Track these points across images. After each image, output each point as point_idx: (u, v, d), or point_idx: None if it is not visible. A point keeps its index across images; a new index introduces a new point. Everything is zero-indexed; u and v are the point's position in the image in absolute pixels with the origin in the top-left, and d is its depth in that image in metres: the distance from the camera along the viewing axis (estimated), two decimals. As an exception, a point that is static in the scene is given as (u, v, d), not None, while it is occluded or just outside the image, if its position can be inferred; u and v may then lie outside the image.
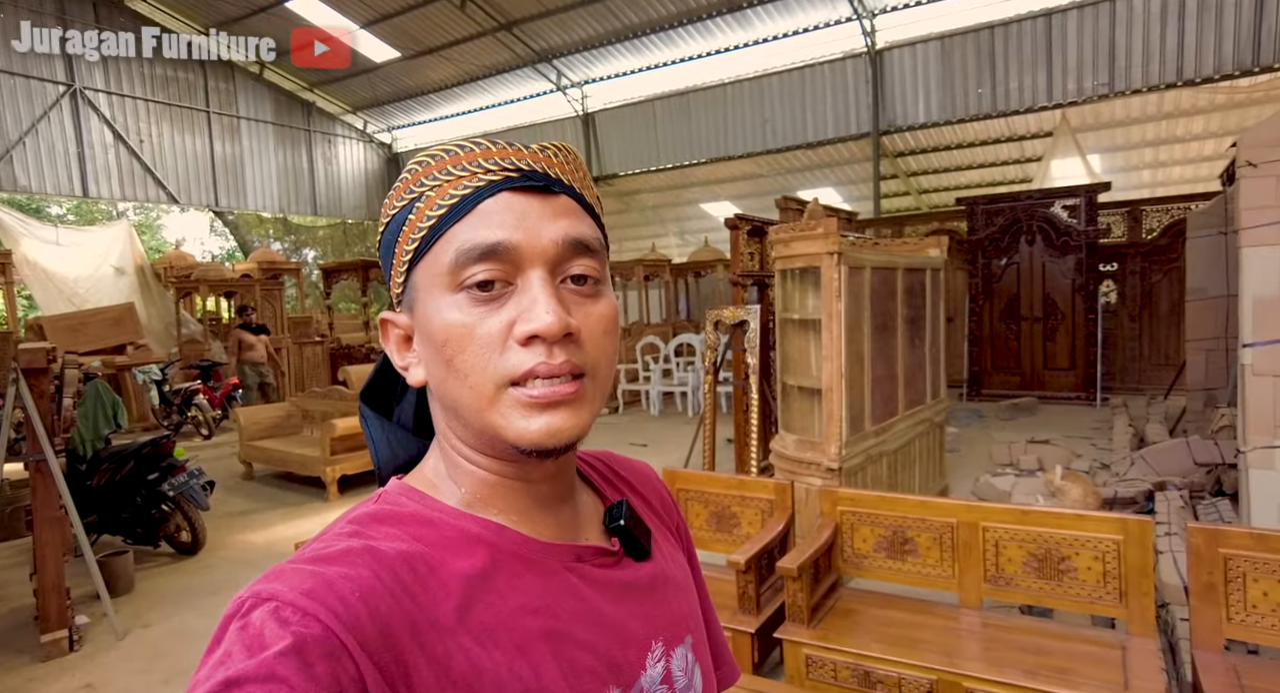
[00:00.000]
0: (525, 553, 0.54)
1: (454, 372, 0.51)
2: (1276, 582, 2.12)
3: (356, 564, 0.46)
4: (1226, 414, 4.85)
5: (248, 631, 0.42)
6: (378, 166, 18.99)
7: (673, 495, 0.76)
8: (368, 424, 0.64)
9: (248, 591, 0.44)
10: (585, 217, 0.55)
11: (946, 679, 2.16)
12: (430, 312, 0.52)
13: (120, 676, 3.12)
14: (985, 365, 9.18)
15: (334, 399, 6.48)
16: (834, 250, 3.45)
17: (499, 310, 0.51)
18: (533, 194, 0.53)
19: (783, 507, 2.91)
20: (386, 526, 0.52)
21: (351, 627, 0.43)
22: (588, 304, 0.53)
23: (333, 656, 0.42)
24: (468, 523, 0.53)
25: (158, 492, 4.32)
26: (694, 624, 0.64)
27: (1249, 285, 3.09)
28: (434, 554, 0.50)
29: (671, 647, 0.60)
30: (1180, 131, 12.32)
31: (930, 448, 4.61)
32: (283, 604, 0.43)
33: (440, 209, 0.52)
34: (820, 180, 14.99)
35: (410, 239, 0.53)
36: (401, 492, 0.56)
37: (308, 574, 0.45)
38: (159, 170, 14.42)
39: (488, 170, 0.52)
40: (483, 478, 0.55)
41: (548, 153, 0.54)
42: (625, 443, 7.45)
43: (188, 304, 12.17)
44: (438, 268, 0.51)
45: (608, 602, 0.56)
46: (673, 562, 0.66)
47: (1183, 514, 3.77)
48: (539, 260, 0.51)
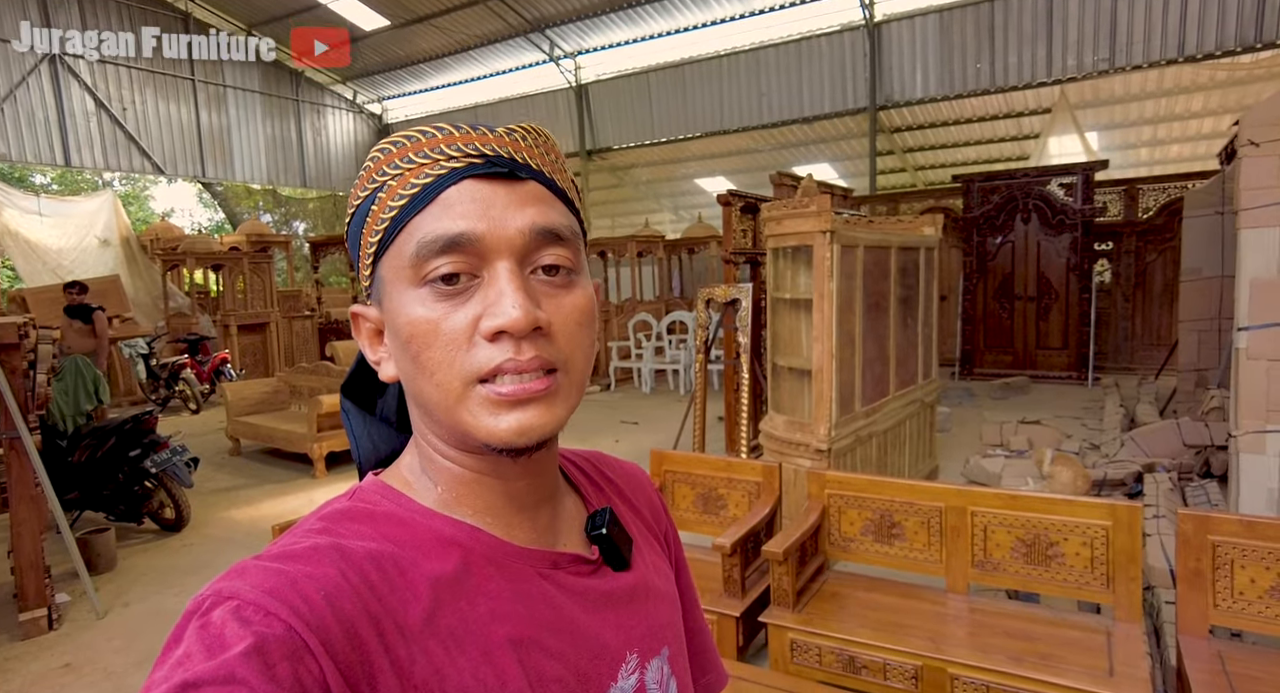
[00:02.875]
0: (498, 557, 0.52)
1: (421, 369, 0.49)
2: (1264, 569, 2.10)
3: (322, 563, 0.45)
4: (1217, 396, 4.84)
5: (208, 630, 0.40)
6: (368, 138, 18.70)
7: (663, 500, 0.73)
8: (349, 418, 0.63)
9: (208, 589, 0.43)
10: (556, 203, 0.53)
11: (932, 665, 2.14)
12: (396, 306, 0.50)
13: (100, 655, 3.10)
14: (978, 344, 9.16)
15: (321, 375, 6.42)
16: (827, 229, 3.38)
17: (464, 305, 0.48)
18: (498, 181, 0.50)
19: (770, 489, 2.88)
20: (358, 524, 0.50)
21: (315, 626, 0.42)
22: (560, 295, 0.51)
23: (295, 656, 0.40)
24: (441, 524, 0.52)
25: (140, 469, 4.27)
26: (672, 636, 0.62)
27: (1246, 268, 3.04)
28: (405, 555, 0.49)
29: (647, 659, 0.58)
30: (1180, 109, 12.20)
31: (921, 428, 4.59)
32: (244, 603, 0.41)
33: (401, 199, 0.49)
34: (816, 156, 14.84)
35: (374, 231, 0.51)
36: (376, 489, 0.54)
37: (271, 572, 0.44)
38: (143, 140, 14.14)
39: (450, 157, 0.49)
40: (458, 475, 0.53)
41: (514, 136, 0.52)
42: (617, 421, 7.42)
43: (175, 277, 12.00)
44: (401, 261, 0.49)
45: (582, 611, 0.55)
46: (655, 571, 0.64)
47: (1171, 497, 3.77)
48: (505, 251, 0.49)
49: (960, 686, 2.11)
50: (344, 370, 6.23)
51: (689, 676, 0.64)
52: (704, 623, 0.73)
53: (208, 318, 10.00)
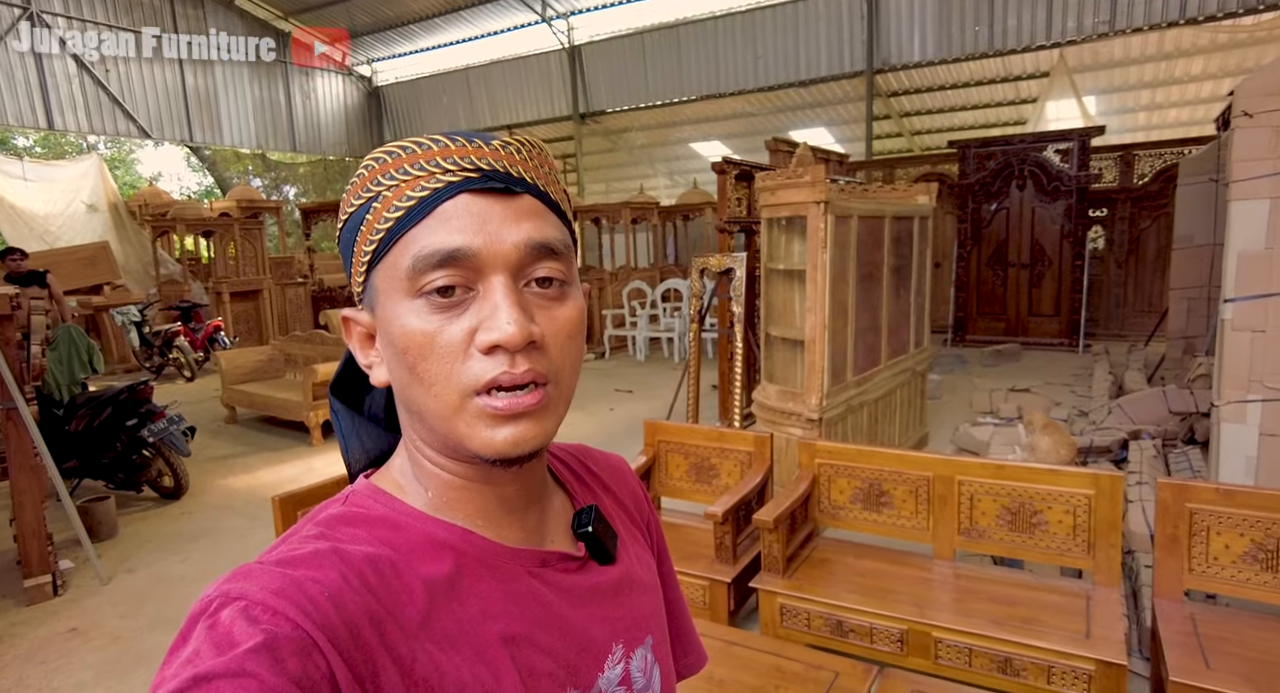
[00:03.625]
0: (489, 558, 0.54)
1: (416, 379, 0.50)
2: (1238, 535, 2.17)
3: (324, 567, 0.46)
4: (1204, 363, 4.90)
5: (217, 629, 0.41)
6: (358, 101, 18.34)
7: (645, 490, 0.75)
8: (338, 418, 0.63)
9: (215, 590, 0.44)
10: (550, 216, 0.53)
11: (917, 629, 2.22)
12: (390, 316, 0.51)
13: (106, 620, 3.16)
14: (970, 311, 9.20)
15: (316, 343, 6.42)
16: (821, 199, 3.37)
17: (459, 317, 0.49)
18: (493, 196, 0.51)
19: (761, 458, 2.93)
20: (353, 528, 0.52)
21: (321, 625, 0.43)
22: (552, 308, 0.52)
23: (304, 653, 0.41)
24: (433, 528, 0.53)
25: (138, 438, 4.30)
26: (655, 625, 0.65)
27: (1235, 239, 3.06)
28: (400, 558, 0.50)
29: (631, 649, 0.60)
30: (1179, 73, 12.06)
31: (911, 397, 4.64)
32: (252, 603, 0.42)
33: (397, 211, 0.50)
34: (812, 120, 14.65)
35: (368, 240, 0.51)
36: (369, 494, 0.55)
37: (276, 575, 0.45)
38: (128, 102, 13.84)
39: (446, 170, 0.50)
40: (448, 481, 0.55)
41: (509, 149, 0.52)
42: (611, 388, 7.47)
43: (165, 243, 11.89)
44: (396, 272, 0.50)
45: (570, 607, 0.57)
46: (639, 563, 0.66)
47: (1155, 464, 3.85)
48: (500, 266, 0.50)
49: (944, 648, 2.19)
50: (338, 338, 6.25)
51: (671, 662, 0.67)
52: (684, 605, 0.76)
53: (200, 285, 9.94)
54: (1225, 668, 1.90)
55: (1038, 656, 2.06)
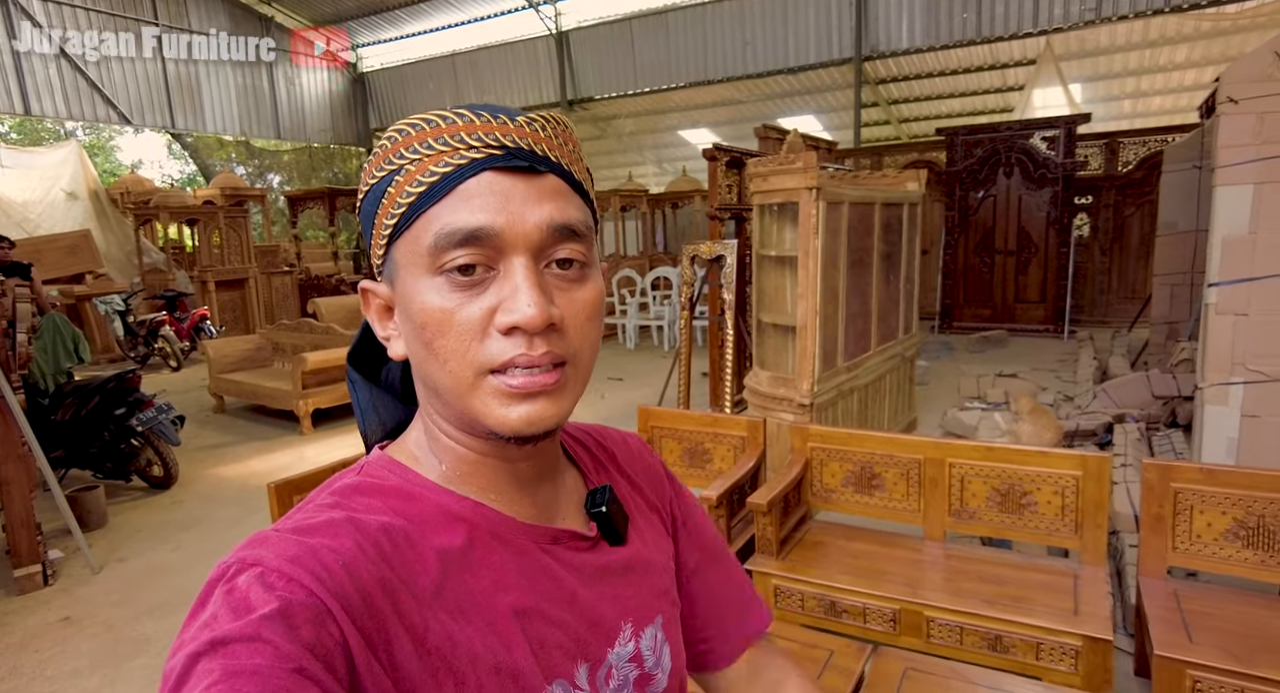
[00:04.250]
0: (501, 532, 0.54)
1: (434, 355, 0.50)
2: (1220, 513, 2.21)
3: (339, 535, 0.47)
4: (1186, 348, 4.98)
5: (234, 595, 0.42)
6: (343, 87, 18.12)
7: (666, 468, 0.75)
8: (355, 389, 0.63)
9: (232, 556, 0.45)
10: (573, 197, 0.53)
11: (909, 609, 2.26)
12: (410, 291, 0.51)
13: (99, 608, 3.15)
14: (958, 298, 9.28)
15: (304, 332, 6.38)
16: (813, 186, 3.38)
17: (480, 296, 0.49)
18: (517, 174, 0.50)
19: (754, 443, 2.96)
20: (368, 497, 0.52)
21: (336, 593, 0.43)
22: (572, 290, 0.52)
23: (318, 620, 0.42)
24: (447, 499, 0.54)
25: (126, 427, 4.26)
26: (666, 605, 0.65)
27: (1219, 224, 3.10)
28: (414, 529, 0.51)
29: (641, 627, 0.61)
30: (1164, 61, 12.14)
31: (900, 382, 4.69)
32: (268, 570, 0.43)
33: (419, 186, 0.49)
34: (801, 107, 14.63)
35: (390, 214, 0.51)
36: (384, 464, 0.56)
37: (292, 542, 0.45)
38: (107, 88, 13.59)
39: (470, 147, 0.49)
40: (462, 455, 0.55)
41: (534, 126, 0.52)
42: (603, 377, 7.48)
43: (148, 231, 11.73)
44: (417, 248, 0.50)
45: (581, 584, 0.57)
46: (651, 545, 0.67)
47: (1139, 446, 3.91)
48: (522, 246, 0.49)
49: (936, 627, 2.23)
50: (327, 327, 6.22)
51: (681, 640, 0.68)
52: (739, 570, 0.76)
53: (184, 274, 9.83)
54: (1207, 642, 1.95)
55: (1027, 633, 2.10)
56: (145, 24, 14.06)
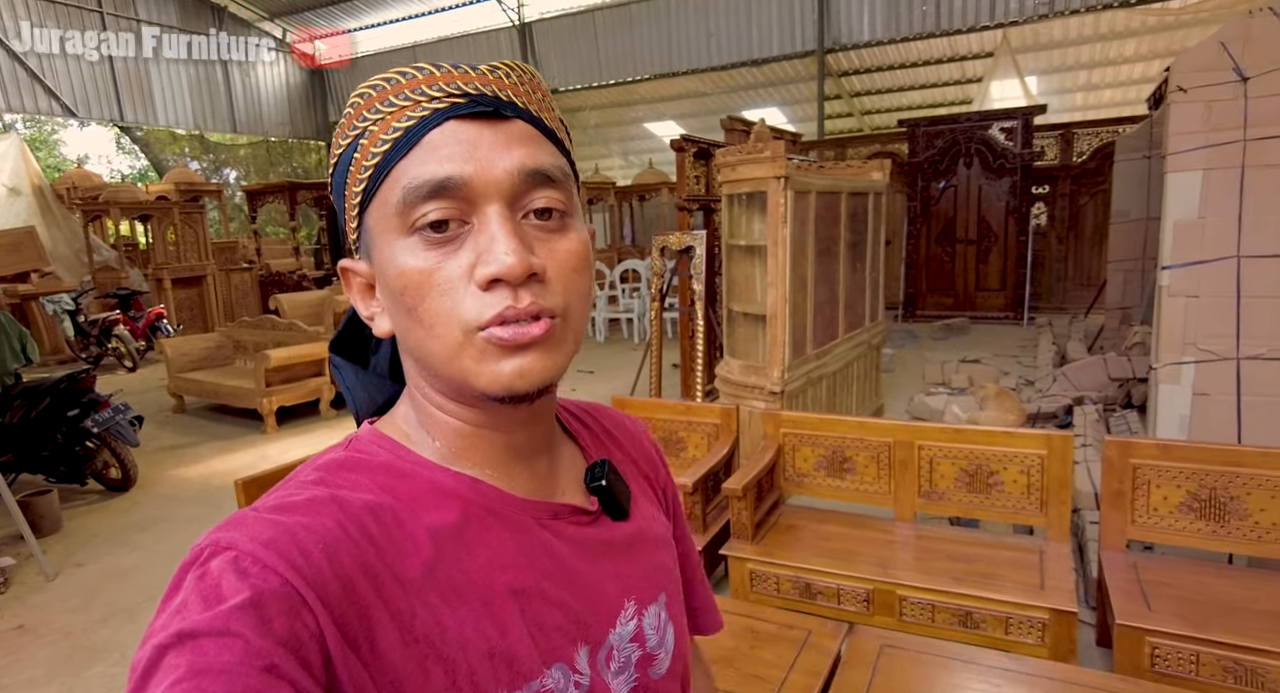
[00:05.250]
0: (499, 508, 0.52)
1: (417, 321, 0.48)
2: (1175, 487, 2.29)
3: (321, 515, 0.45)
4: (1139, 332, 5.14)
5: (205, 581, 0.40)
6: (301, 80, 17.71)
7: (660, 453, 0.74)
8: (341, 373, 0.61)
9: (206, 538, 0.43)
10: (545, 143, 0.51)
11: (882, 588, 2.30)
12: (386, 257, 0.48)
13: (55, 615, 3.05)
14: (920, 288, 9.44)
15: (266, 329, 6.24)
16: (781, 174, 3.41)
17: (457, 253, 0.47)
18: (483, 121, 0.48)
19: (728, 430, 2.98)
20: (355, 474, 0.50)
21: (312, 581, 0.41)
22: (554, 240, 0.50)
23: (292, 611, 0.40)
24: (441, 476, 0.51)
25: (80, 429, 4.12)
26: (669, 582, 0.64)
27: (1171, 210, 3.20)
28: (403, 507, 0.48)
29: (644, 605, 0.59)
30: (1113, 54, 12.50)
31: (868, 369, 4.76)
32: (242, 554, 0.41)
33: (384, 145, 0.47)
34: (765, 100, 14.73)
35: (358, 180, 0.49)
36: (373, 439, 0.53)
37: (269, 524, 0.43)
38: (48, 78, 13.07)
39: (432, 97, 0.47)
40: (457, 429, 0.53)
41: (498, 73, 0.50)
42: (573, 371, 7.42)
43: (98, 228, 11.33)
44: (387, 209, 0.48)
45: (582, 561, 0.55)
46: (652, 521, 0.65)
47: (1097, 427, 4.03)
48: (494, 195, 0.47)
49: (908, 606, 2.27)
50: (289, 323, 6.10)
51: (684, 620, 0.66)
52: (702, 572, 0.75)
53: (138, 272, 9.53)
54: (1165, 610, 2.02)
55: (996, 608, 2.16)
56: (88, 12, 13.56)
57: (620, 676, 0.56)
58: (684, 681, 0.64)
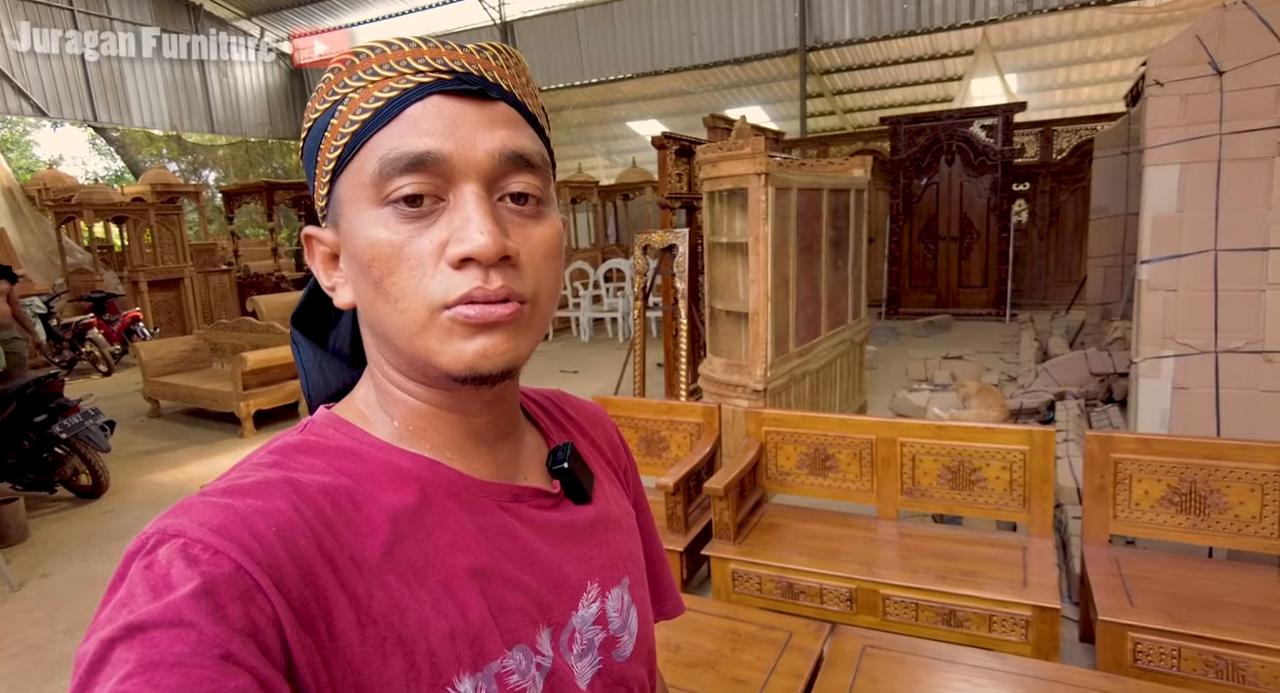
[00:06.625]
0: (458, 490, 0.51)
1: (383, 294, 0.47)
2: (1156, 481, 2.29)
3: (273, 496, 0.43)
4: (1119, 327, 5.17)
5: (153, 570, 0.38)
6: (279, 80, 17.49)
7: (624, 439, 0.73)
8: (299, 350, 0.60)
9: (152, 526, 0.41)
10: (526, 128, 0.50)
11: (865, 587, 2.27)
12: (355, 227, 0.48)
13: (18, 627, 2.97)
14: (903, 285, 9.47)
15: (244, 331, 6.14)
16: (762, 171, 3.38)
17: (429, 229, 0.46)
18: (467, 99, 0.48)
19: (710, 429, 2.95)
20: (310, 457, 0.49)
21: (266, 564, 0.40)
22: (528, 226, 0.49)
23: (246, 596, 0.38)
24: (398, 457, 0.50)
25: (48, 435, 4.02)
26: (632, 566, 0.63)
27: (1150, 204, 3.20)
28: (360, 489, 0.47)
29: (607, 588, 0.59)
30: (1091, 52, 12.63)
31: (851, 366, 4.75)
32: (191, 541, 0.39)
33: (364, 113, 0.47)
34: (748, 98, 14.74)
35: (333, 146, 0.48)
36: (329, 423, 0.52)
37: (219, 508, 0.41)
38: (18, 77, 12.81)
39: (417, 71, 0.47)
40: (415, 408, 0.52)
41: (485, 54, 0.50)
42: (556, 370, 7.40)
43: (71, 230, 11.14)
44: (361, 179, 0.47)
45: (544, 543, 0.55)
46: (616, 504, 0.65)
47: (1079, 422, 4.04)
48: (472, 174, 0.47)
49: (891, 605, 2.25)
50: (268, 326, 6.00)
51: (649, 603, 0.66)
52: (663, 553, 0.75)
53: (114, 274, 9.36)
54: (1147, 604, 2.02)
55: (980, 606, 2.14)
56: (59, 9, 13.31)
57: (584, 658, 0.55)
58: (650, 664, 0.63)
